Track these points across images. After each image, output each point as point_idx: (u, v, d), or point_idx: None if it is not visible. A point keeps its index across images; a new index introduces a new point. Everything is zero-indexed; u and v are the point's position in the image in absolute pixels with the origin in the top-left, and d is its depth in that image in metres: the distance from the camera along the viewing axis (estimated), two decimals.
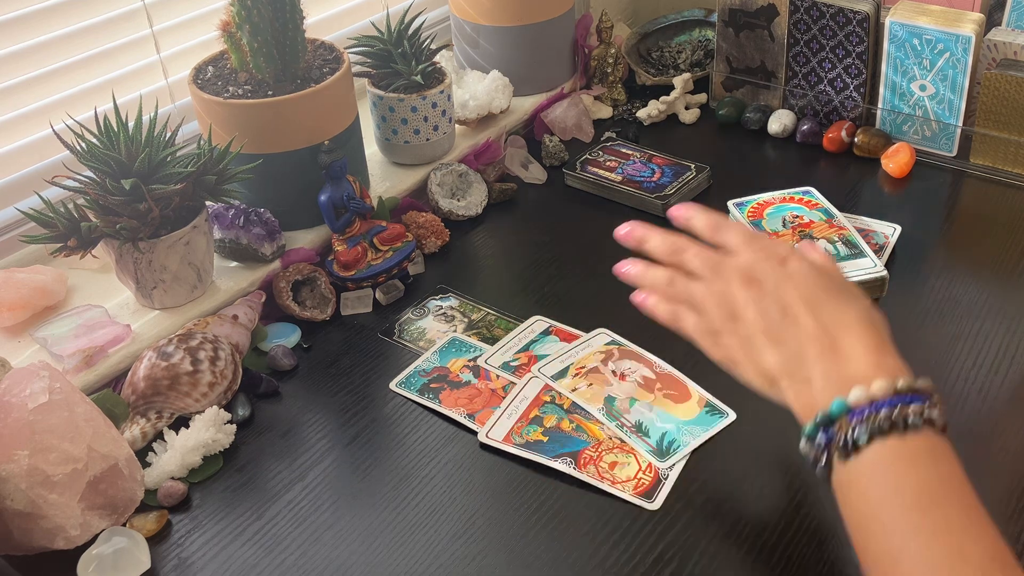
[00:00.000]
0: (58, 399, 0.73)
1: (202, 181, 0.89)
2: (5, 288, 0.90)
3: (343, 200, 0.98)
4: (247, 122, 0.96)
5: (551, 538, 0.74)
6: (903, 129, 1.17)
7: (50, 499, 0.70)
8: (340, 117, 1.01)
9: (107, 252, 0.90)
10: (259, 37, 0.95)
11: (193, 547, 0.75)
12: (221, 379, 0.85)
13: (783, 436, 0.74)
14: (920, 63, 1.12)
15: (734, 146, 1.23)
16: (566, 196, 1.15)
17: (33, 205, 0.87)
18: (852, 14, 1.14)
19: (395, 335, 0.95)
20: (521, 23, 1.22)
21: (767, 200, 1.06)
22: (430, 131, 1.12)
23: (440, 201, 1.09)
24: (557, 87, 1.29)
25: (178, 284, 0.92)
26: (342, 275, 0.98)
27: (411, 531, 0.75)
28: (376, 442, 0.83)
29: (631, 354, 0.90)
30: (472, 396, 0.86)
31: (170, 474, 0.79)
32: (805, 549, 0.72)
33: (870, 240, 1.01)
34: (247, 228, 0.96)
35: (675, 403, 0.84)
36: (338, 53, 1.04)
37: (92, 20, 1.01)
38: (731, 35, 1.25)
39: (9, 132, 0.97)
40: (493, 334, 0.94)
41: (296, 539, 0.75)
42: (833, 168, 1.17)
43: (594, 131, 1.25)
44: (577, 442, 0.81)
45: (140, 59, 1.05)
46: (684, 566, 0.71)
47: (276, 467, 0.81)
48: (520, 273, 1.02)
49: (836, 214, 1.03)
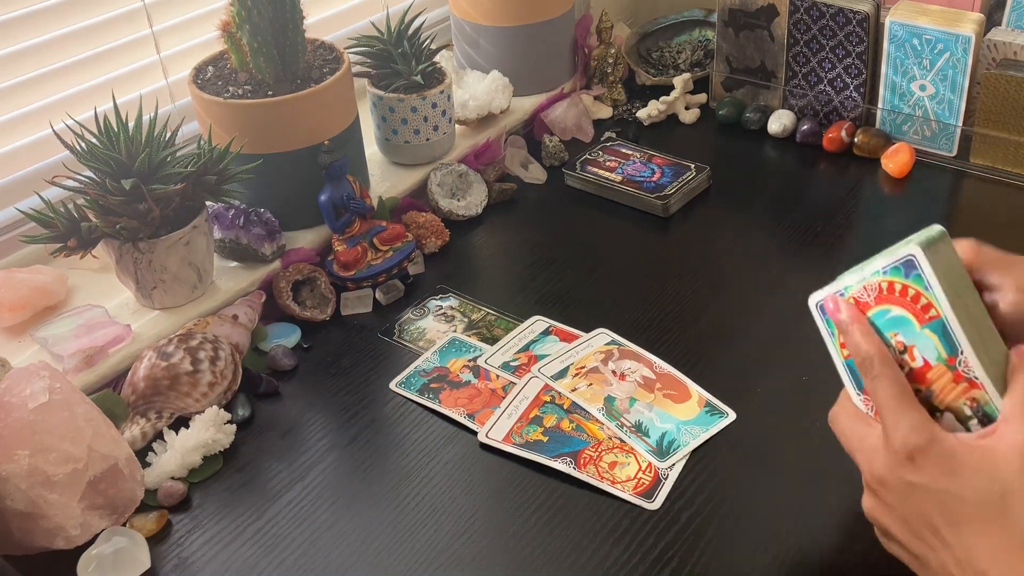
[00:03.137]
0: (58, 399, 0.73)
1: (202, 181, 0.89)
2: (5, 288, 0.90)
3: (343, 200, 0.98)
4: (247, 122, 0.96)
5: (551, 538, 0.74)
6: (903, 129, 1.17)
7: (50, 499, 0.70)
8: (340, 117, 1.01)
9: (107, 252, 0.90)
10: (259, 37, 0.95)
11: (193, 547, 0.75)
12: (221, 379, 0.85)
13: (783, 436, 0.74)
14: (920, 63, 1.12)
15: (734, 146, 1.23)
16: (566, 196, 1.15)
17: (33, 205, 0.87)
18: (852, 14, 1.14)
19: (395, 335, 0.95)
20: (521, 23, 1.22)
21: (861, 297, 0.64)
22: (430, 131, 1.12)
23: (440, 201, 1.09)
24: (557, 87, 1.29)
25: (178, 284, 0.92)
26: (342, 275, 0.98)
27: (411, 531, 0.75)
28: (376, 442, 0.83)
29: (631, 354, 0.90)
30: (472, 396, 0.86)
31: (170, 474, 0.79)
32: (806, 549, 0.72)
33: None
34: (247, 228, 0.96)
35: (675, 403, 0.84)
36: (338, 53, 1.04)
37: (92, 20, 1.01)
38: (731, 35, 1.25)
39: (9, 132, 0.97)
40: (493, 334, 0.94)
41: (296, 539, 0.75)
42: (833, 168, 1.17)
43: (594, 131, 1.25)
44: (577, 442, 0.81)
45: (140, 59, 1.05)
46: (684, 566, 0.71)
47: (276, 467, 0.81)
48: (520, 273, 1.02)
49: (960, 342, 0.60)
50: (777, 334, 0.91)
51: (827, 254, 1.02)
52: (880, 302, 0.63)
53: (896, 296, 0.62)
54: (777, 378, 0.86)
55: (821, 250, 1.02)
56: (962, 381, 0.60)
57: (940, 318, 0.60)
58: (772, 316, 0.94)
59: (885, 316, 0.63)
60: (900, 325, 0.62)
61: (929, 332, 0.60)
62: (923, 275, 0.60)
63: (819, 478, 0.77)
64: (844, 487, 0.77)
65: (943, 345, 0.60)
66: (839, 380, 0.72)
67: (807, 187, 1.14)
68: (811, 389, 0.85)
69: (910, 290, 0.61)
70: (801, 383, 0.86)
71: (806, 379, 0.86)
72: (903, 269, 0.61)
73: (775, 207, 1.11)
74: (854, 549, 0.71)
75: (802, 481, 0.77)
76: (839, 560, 0.71)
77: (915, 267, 0.60)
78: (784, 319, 0.93)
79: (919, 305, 0.61)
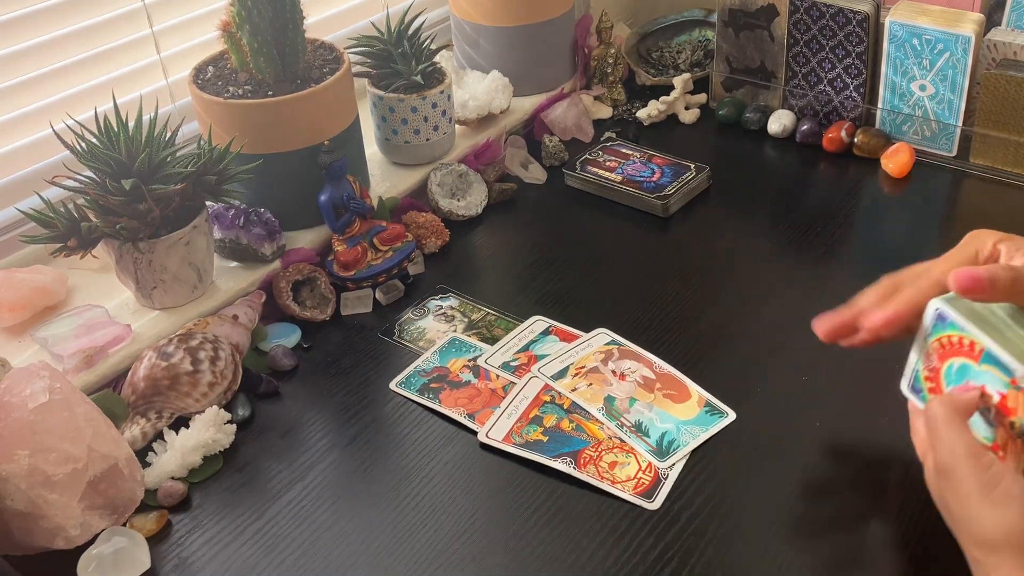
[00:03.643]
0: (58, 399, 0.73)
1: (202, 181, 0.89)
2: (5, 288, 0.90)
3: (343, 200, 0.98)
4: (247, 122, 0.96)
5: (551, 538, 0.74)
6: (903, 129, 1.17)
7: (50, 499, 0.70)
8: (340, 117, 1.01)
9: (107, 252, 0.90)
10: (259, 37, 0.95)
11: (193, 547, 0.75)
12: (221, 379, 0.85)
13: (783, 436, 0.74)
14: (920, 63, 1.12)
15: (734, 146, 1.23)
16: (566, 196, 1.15)
17: (33, 205, 0.87)
18: (852, 14, 1.14)
19: (395, 335, 0.95)
20: (521, 23, 1.22)
21: (930, 366, 0.69)
22: (430, 131, 1.12)
23: (440, 201, 1.09)
24: (557, 87, 1.29)
25: (178, 284, 0.92)
26: (342, 275, 0.98)
27: (411, 531, 0.75)
28: (376, 442, 0.83)
29: (631, 354, 0.90)
30: (472, 396, 0.86)
31: (170, 474, 0.79)
32: (805, 549, 0.72)
33: None
34: (247, 228, 0.96)
35: (675, 403, 0.84)
36: (338, 53, 1.04)
37: (92, 20, 1.01)
38: (731, 35, 1.25)
39: (9, 132, 0.97)
40: (493, 334, 0.94)
41: (296, 539, 0.75)
42: (833, 168, 1.17)
43: (594, 131, 1.25)
44: (577, 442, 0.81)
45: (140, 59, 1.05)
46: (684, 566, 0.71)
47: (276, 467, 0.81)
48: (520, 273, 1.02)
49: (1007, 361, 0.63)
50: (777, 334, 0.91)
51: (827, 254, 1.02)
52: (943, 359, 0.67)
53: (950, 349, 0.66)
54: (777, 378, 0.86)
55: (821, 250, 1.02)
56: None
57: (985, 349, 0.64)
58: (772, 316, 0.94)
59: (952, 370, 0.67)
60: (965, 372, 0.66)
61: (986, 367, 0.64)
62: (952, 319, 0.66)
63: (819, 478, 0.77)
64: (844, 487, 0.77)
65: (1001, 371, 0.63)
66: (838, 379, 0.72)
67: (807, 187, 1.14)
68: (811, 389, 0.85)
69: (954, 338, 0.66)
70: (801, 383, 0.86)
71: (806, 379, 0.86)
72: (939, 325, 0.67)
73: (775, 207, 1.11)
74: (854, 549, 0.71)
75: (802, 481, 0.77)
76: (839, 560, 0.71)
77: (944, 316, 0.66)
78: (784, 319, 0.93)
79: (965, 348, 0.65)
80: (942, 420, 0.62)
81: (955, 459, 0.61)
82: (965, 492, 0.60)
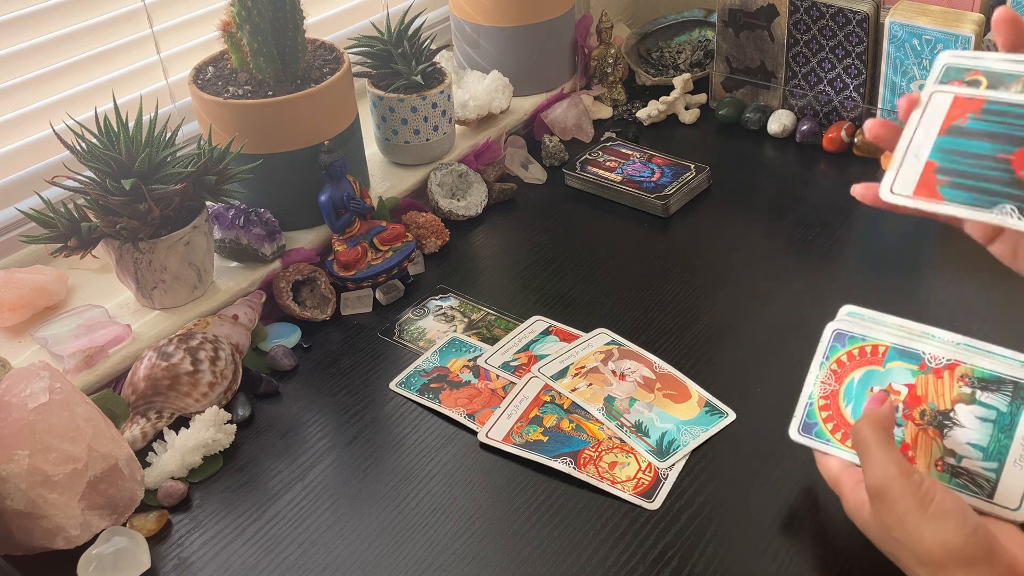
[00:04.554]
0: (58, 399, 0.73)
1: (202, 181, 0.89)
2: (5, 288, 0.90)
3: (343, 200, 0.98)
4: (247, 122, 0.96)
5: (551, 538, 0.74)
6: None
7: (50, 499, 0.70)
8: (340, 117, 1.01)
9: (107, 252, 0.90)
10: (259, 37, 0.95)
11: (193, 547, 0.75)
12: (221, 379, 0.85)
13: (783, 436, 0.74)
14: (920, 63, 1.12)
15: (734, 146, 1.23)
16: (566, 196, 1.15)
17: (33, 205, 0.87)
18: (852, 14, 1.14)
19: (395, 335, 0.95)
20: (521, 23, 1.22)
21: (824, 393, 0.74)
22: (430, 131, 1.12)
23: (440, 201, 1.09)
24: (557, 87, 1.29)
25: (178, 284, 0.92)
26: (342, 275, 0.98)
27: (411, 531, 0.75)
28: (376, 442, 0.83)
29: (631, 354, 0.90)
30: (472, 396, 0.87)
31: (170, 474, 0.79)
32: (805, 548, 0.72)
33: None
34: (247, 228, 0.96)
35: (675, 403, 0.84)
36: (338, 53, 1.04)
37: (92, 20, 1.01)
38: (731, 35, 1.25)
39: (9, 132, 0.97)
40: (493, 334, 0.94)
41: (296, 539, 0.75)
42: (833, 168, 1.17)
43: (594, 131, 1.25)
44: (577, 442, 0.81)
45: (140, 59, 1.05)
46: (684, 566, 0.71)
47: (276, 467, 0.81)
48: (520, 273, 1.02)
49: (915, 348, 0.70)
50: (777, 334, 0.91)
51: (827, 254, 1.02)
52: (841, 379, 0.72)
53: (851, 364, 0.72)
54: (777, 378, 0.86)
55: (821, 250, 1.02)
56: (943, 372, 0.68)
57: (890, 347, 0.70)
58: (772, 316, 0.94)
59: (853, 384, 0.71)
60: (869, 379, 0.71)
61: (892, 364, 0.70)
62: (851, 333, 0.72)
63: (819, 478, 0.77)
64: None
65: (908, 361, 0.69)
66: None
67: (807, 187, 1.14)
68: None
69: (855, 351, 0.72)
70: (801, 383, 0.85)
71: None
72: (837, 346, 0.73)
73: (775, 207, 1.11)
74: (854, 549, 0.71)
75: (802, 481, 0.77)
76: (839, 559, 0.71)
77: (843, 334, 0.73)
78: (784, 319, 0.93)
79: (867, 355, 0.71)
80: (873, 443, 0.63)
81: (888, 480, 0.61)
82: (903, 511, 0.60)
